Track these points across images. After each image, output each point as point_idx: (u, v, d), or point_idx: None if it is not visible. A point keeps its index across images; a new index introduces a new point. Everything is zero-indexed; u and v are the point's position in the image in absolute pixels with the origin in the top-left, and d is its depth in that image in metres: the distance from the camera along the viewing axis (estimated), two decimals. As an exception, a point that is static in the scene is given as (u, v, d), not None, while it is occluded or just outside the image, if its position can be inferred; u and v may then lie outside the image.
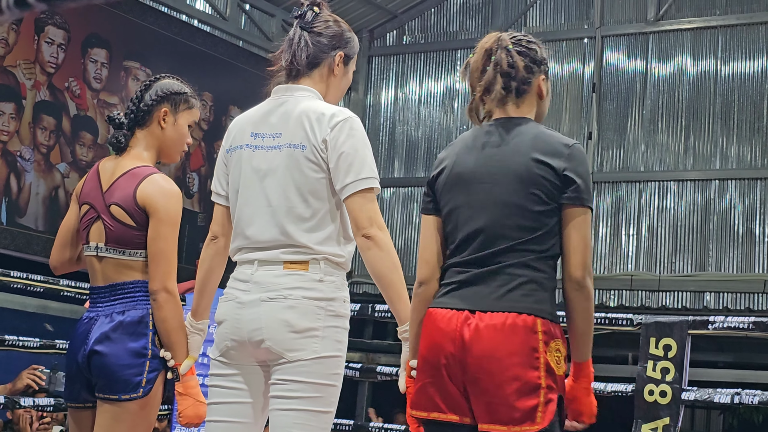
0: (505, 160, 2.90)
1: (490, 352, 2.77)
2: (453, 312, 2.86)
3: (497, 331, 2.78)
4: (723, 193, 9.33)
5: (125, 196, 3.33)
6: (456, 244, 2.93)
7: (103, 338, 3.28)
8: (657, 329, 4.92)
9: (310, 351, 2.90)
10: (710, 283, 9.23)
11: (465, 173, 2.93)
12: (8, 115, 7.77)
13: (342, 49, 3.12)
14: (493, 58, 2.95)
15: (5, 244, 7.66)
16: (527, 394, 2.76)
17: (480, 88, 2.97)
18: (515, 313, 2.80)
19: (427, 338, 2.90)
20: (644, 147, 9.72)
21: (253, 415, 3.02)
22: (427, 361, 2.89)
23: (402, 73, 10.95)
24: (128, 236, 3.33)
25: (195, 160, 9.26)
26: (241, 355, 2.99)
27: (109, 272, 3.35)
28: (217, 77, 9.44)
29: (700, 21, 9.63)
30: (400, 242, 10.58)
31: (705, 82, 9.54)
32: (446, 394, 2.85)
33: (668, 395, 4.83)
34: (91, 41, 8.42)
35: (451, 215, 2.95)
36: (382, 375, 5.85)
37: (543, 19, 10.41)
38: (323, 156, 2.95)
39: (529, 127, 2.94)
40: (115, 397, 3.25)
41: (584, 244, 2.88)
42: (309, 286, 2.92)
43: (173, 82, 3.51)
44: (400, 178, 10.77)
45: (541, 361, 2.77)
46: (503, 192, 2.88)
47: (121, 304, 3.32)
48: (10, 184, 7.77)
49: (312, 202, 2.96)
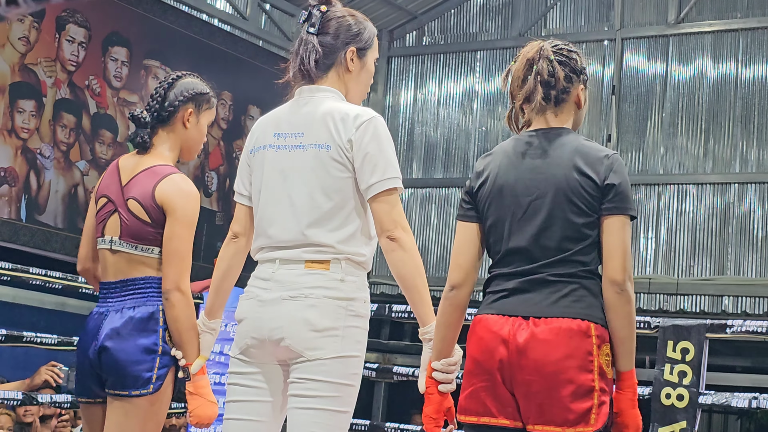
0: (546, 172, 2.94)
1: (546, 355, 2.83)
2: (505, 318, 2.91)
3: (553, 334, 2.84)
4: (742, 197, 9.30)
5: (144, 193, 3.34)
6: (501, 255, 2.98)
7: (113, 334, 3.29)
8: (675, 332, 4.91)
9: (330, 350, 2.90)
10: (729, 287, 9.19)
11: (507, 185, 2.96)
12: (29, 113, 7.80)
13: (353, 43, 3.08)
14: (535, 68, 2.99)
15: (24, 241, 7.69)
16: (582, 396, 2.83)
17: (521, 97, 3.01)
18: (569, 318, 2.86)
19: (478, 343, 2.94)
20: (663, 150, 9.69)
21: (271, 413, 3.02)
22: (479, 365, 2.93)
23: (421, 73, 10.95)
24: (143, 232, 3.33)
25: (214, 159, 9.28)
26: (260, 353, 2.99)
27: (121, 267, 3.36)
28: (236, 77, 9.46)
29: (721, 24, 9.60)
30: (417, 243, 10.56)
31: (725, 85, 9.51)
32: (498, 398, 2.90)
33: (685, 399, 4.81)
34: (112, 40, 8.45)
35: (495, 227, 2.99)
36: (399, 375, 5.85)
37: (563, 21, 10.39)
38: (348, 156, 2.95)
39: (569, 139, 2.98)
40: (125, 393, 3.26)
41: (623, 249, 2.92)
42: (330, 286, 2.92)
43: (196, 81, 3.52)
44: (419, 179, 10.77)
45: (594, 364, 2.84)
46: (546, 204, 2.92)
47: (131, 300, 3.32)
48: (29, 181, 7.80)
49: (336, 201, 2.96)
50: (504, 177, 2.98)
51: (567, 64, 3.02)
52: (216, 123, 9.26)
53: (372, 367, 5.93)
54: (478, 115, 10.57)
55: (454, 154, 10.70)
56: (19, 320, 7.42)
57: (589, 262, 2.94)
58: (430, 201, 10.65)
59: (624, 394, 2.95)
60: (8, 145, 7.67)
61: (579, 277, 2.91)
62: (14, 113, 7.71)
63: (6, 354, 7.09)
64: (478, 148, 10.48)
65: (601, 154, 2.94)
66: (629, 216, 2.94)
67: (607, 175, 2.91)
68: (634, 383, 2.97)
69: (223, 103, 9.40)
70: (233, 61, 9.48)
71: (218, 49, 9.36)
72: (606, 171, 2.91)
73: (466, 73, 10.70)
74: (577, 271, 2.91)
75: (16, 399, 5.09)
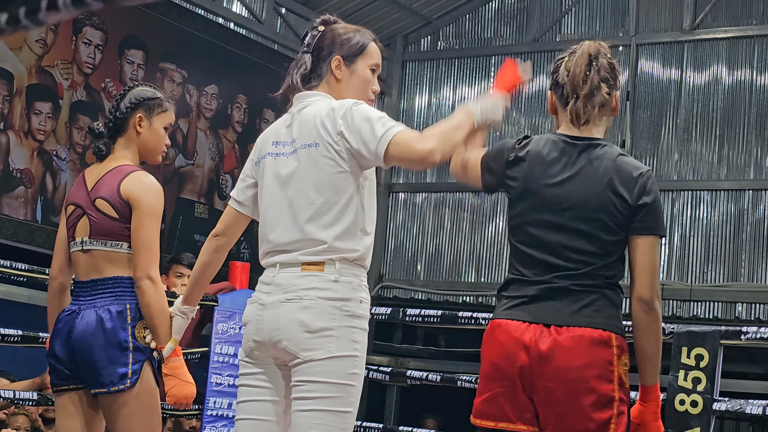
0: (580, 185, 2.96)
1: (568, 363, 2.86)
2: (526, 324, 2.93)
3: (575, 343, 2.87)
4: (757, 204, 9.28)
5: (110, 190, 3.55)
6: (525, 259, 3.00)
7: (85, 333, 3.49)
8: (689, 339, 4.90)
9: (325, 350, 2.94)
10: (742, 294, 9.17)
11: (539, 191, 2.99)
12: (45, 115, 7.84)
13: (337, 52, 3.14)
14: (595, 64, 2.99)
15: (40, 242, 7.73)
16: (603, 406, 2.86)
17: (585, 92, 2.98)
18: (591, 328, 2.88)
19: (498, 348, 2.96)
20: (677, 156, 9.68)
21: (279, 413, 3.08)
22: (499, 370, 2.96)
23: (436, 78, 10.96)
24: (112, 228, 3.54)
25: (228, 162, 9.30)
26: (263, 355, 3.06)
27: (91, 266, 3.56)
28: (251, 80, 9.49)
29: (736, 30, 9.58)
30: (431, 247, 10.58)
31: (740, 91, 9.49)
32: (517, 404, 2.93)
33: (699, 405, 4.81)
34: (128, 42, 8.48)
35: (521, 228, 3.02)
36: (412, 379, 5.86)
37: (578, 26, 10.39)
38: (337, 149, 3.00)
39: (607, 152, 2.99)
40: (104, 390, 3.47)
41: (652, 268, 2.95)
42: (324, 287, 2.96)
43: (146, 89, 3.74)
44: (432, 183, 10.77)
45: (615, 374, 2.88)
46: (577, 218, 2.95)
47: (101, 299, 3.52)
48: (45, 183, 7.84)
49: (328, 196, 3.00)
50: (536, 182, 3.00)
51: (615, 69, 3.07)
52: (231, 126, 9.28)
53: (385, 371, 5.94)
54: (493, 120, 10.57)
55: (468, 158, 10.69)
56: (35, 321, 7.44)
57: (613, 276, 2.96)
58: (444, 205, 10.65)
59: (648, 407, 2.97)
60: (24, 146, 7.70)
61: (600, 288, 2.93)
62: (31, 115, 7.75)
63: (22, 354, 7.11)
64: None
65: (635, 173, 2.95)
66: (659, 236, 2.96)
67: (640, 196, 2.93)
68: (657, 396, 2.98)
69: (238, 107, 9.43)
70: (248, 64, 9.50)
71: (234, 53, 9.38)
72: (639, 191, 2.94)
73: (480, 78, 10.71)
74: (601, 282, 2.94)
75: (31, 399, 5.12)
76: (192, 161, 8.97)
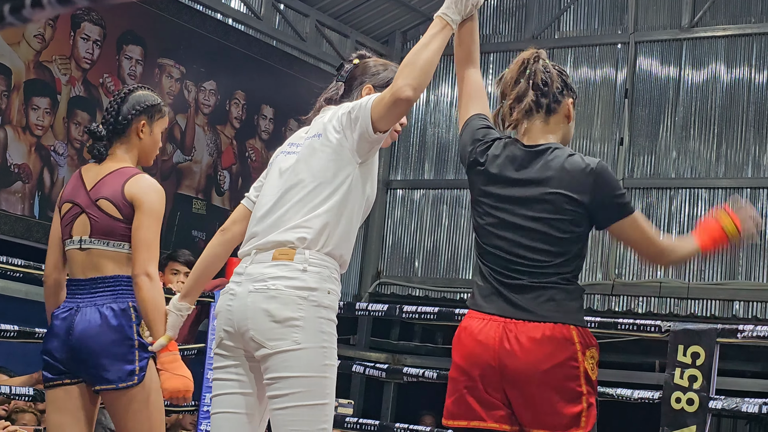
0: (533, 188, 3.02)
1: (533, 364, 2.94)
2: (489, 320, 2.99)
3: (538, 343, 2.94)
4: (754, 202, 9.27)
5: (114, 191, 3.60)
6: (484, 252, 3.08)
7: (88, 330, 3.52)
8: (686, 337, 4.91)
9: (290, 341, 2.95)
10: (739, 292, 9.18)
11: (494, 192, 3.06)
12: (43, 110, 7.83)
13: (367, 81, 3.25)
14: (528, 71, 3.08)
15: (37, 238, 7.72)
16: (572, 401, 2.95)
17: (512, 97, 3.10)
18: (551, 324, 2.95)
19: (463, 349, 3.02)
20: (676, 154, 9.68)
21: (251, 405, 3.09)
22: (463, 371, 3.02)
23: (434, 75, 10.93)
24: (115, 228, 3.59)
25: (226, 158, 9.29)
26: (234, 345, 3.07)
27: (90, 264, 3.60)
28: (250, 76, 9.48)
29: (735, 28, 9.58)
30: (428, 244, 10.58)
31: (738, 89, 9.49)
32: (485, 402, 2.99)
33: (695, 403, 4.81)
34: (127, 38, 8.47)
35: (482, 227, 3.10)
36: (408, 376, 5.86)
37: (576, 24, 10.39)
38: (337, 137, 3.05)
39: (556, 155, 3.04)
40: (112, 387, 3.52)
41: (647, 238, 3.09)
42: (291, 276, 2.98)
43: (148, 94, 3.77)
44: (430, 180, 10.77)
45: (580, 369, 2.95)
46: (530, 218, 3.01)
47: (102, 297, 3.56)
48: (43, 178, 7.83)
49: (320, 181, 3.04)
50: (493, 181, 3.07)
51: (560, 76, 3.10)
52: (229, 122, 9.28)
53: (381, 367, 5.94)
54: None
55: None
56: (31, 316, 7.44)
57: (569, 272, 3.03)
58: (442, 202, 10.65)
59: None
60: (22, 142, 7.70)
61: (558, 284, 3.00)
62: (29, 110, 7.74)
63: (18, 350, 7.11)
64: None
65: (585, 170, 3.00)
66: (631, 211, 3.02)
67: (593, 194, 2.99)
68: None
69: (237, 103, 9.42)
70: (247, 60, 9.50)
71: (232, 49, 9.37)
72: (591, 189, 2.99)
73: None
74: (556, 279, 3.00)
75: (27, 395, 5.11)
76: (190, 157, 8.96)
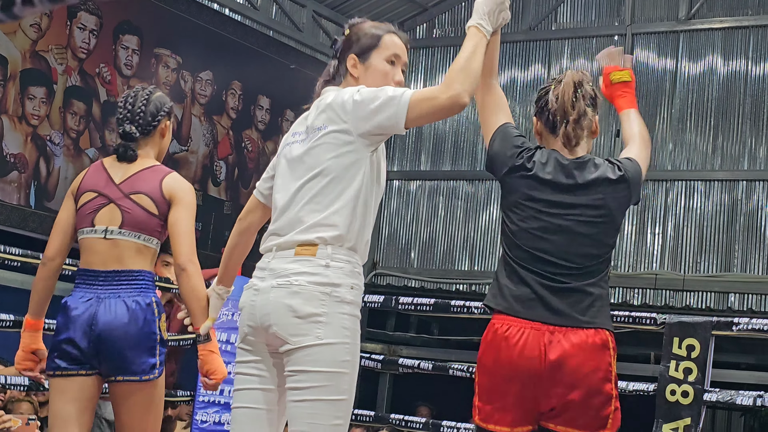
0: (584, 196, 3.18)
1: (575, 370, 3.07)
2: (530, 328, 3.10)
3: (580, 349, 3.08)
4: (750, 194, 9.29)
5: (153, 187, 3.69)
6: (527, 257, 3.16)
7: (115, 322, 3.58)
8: (681, 329, 4.92)
9: (313, 336, 2.94)
10: (735, 284, 9.19)
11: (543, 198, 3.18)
12: (39, 100, 7.82)
13: (350, 51, 3.18)
14: (580, 91, 3.25)
15: (33, 228, 7.72)
16: (605, 404, 3.11)
17: (574, 117, 3.21)
18: (593, 330, 3.10)
19: (503, 358, 3.12)
20: (672, 146, 9.69)
21: (272, 401, 3.09)
22: (504, 379, 3.12)
23: (431, 66, 10.95)
24: (149, 223, 3.67)
25: (223, 149, 9.29)
26: (257, 341, 3.07)
27: (113, 256, 3.65)
28: (246, 66, 9.47)
29: (732, 21, 9.58)
30: (425, 235, 10.59)
31: (735, 82, 9.50)
32: (525, 407, 3.11)
33: (690, 396, 4.82)
34: (123, 28, 8.46)
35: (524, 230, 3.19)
36: (404, 367, 5.86)
37: (573, 15, 10.39)
38: (345, 128, 3.02)
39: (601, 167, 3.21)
40: (136, 379, 3.59)
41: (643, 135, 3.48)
42: (314, 272, 2.97)
43: (165, 95, 3.91)
44: (426, 171, 10.77)
45: (613, 374, 3.12)
46: (583, 223, 3.16)
47: (126, 291, 3.62)
48: (39, 168, 7.83)
49: (330, 177, 3.02)
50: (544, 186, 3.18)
51: (597, 94, 3.31)
52: (225, 112, 9.27)
53: (377, 358, 5.94)
54: (487, 109, 10.56)
55: (463, 146, 10.70)
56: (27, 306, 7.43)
57: (606, 273, 3.21)
58: (438, 193, 10.65)
59: None
60: (18, 131, 7.69)
61: (599, 285, 3.16)
62: (25, 100, 7.74)
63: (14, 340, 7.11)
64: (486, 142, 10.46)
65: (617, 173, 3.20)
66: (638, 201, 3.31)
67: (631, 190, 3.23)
68: None
69: (233, 93, 9.41)
70: (243, 50, 9.48)
71: (229, 39, 9.36)
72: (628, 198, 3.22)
73: (475, 66, 10.68)
74: (598, 280, 3.16)
75: (22, 385, 5.12)
76: (186, 147, 8.95)
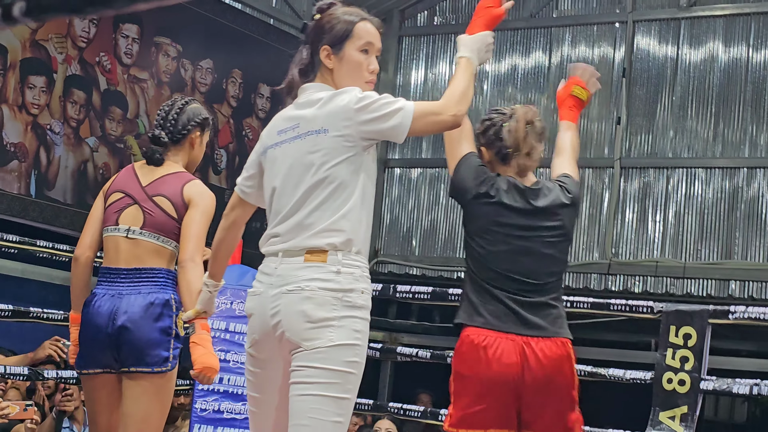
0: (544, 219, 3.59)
1: (549, 377, 3.42)
2: (505, 338, 3.46)
3: (551, 357, 3.43)
4: (751, 181, 9.28)
5: (174, 192, 3.88)
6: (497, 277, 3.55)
7: (134, 316, 3.77)
8: (677, 318, 4.92)
9: (326, 340, 2.96)
10: (736, 272, 9.19)
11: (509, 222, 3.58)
12: (39, 89, 7.83)
13: (323, 41, 3.14)
14: (531, 128, 3.62)
15: (33, 216, 7.74)
16: (571, 408, 3.48)
17: (525, 149, 3.61)
18: (560, 339, 3.46)
19: (481, 366, 3.46)
20: (673, 133, 9.67)
21: (283, 405, 3.09)
22: (483, 386, 3.43)
23: (432, 53, 10.94)
24: (167, 225, 3.85)
25: (223, 137, 9.29)
26: (267, 346, 3.08)
27: (135, 255, 3.85)
28: (247, 55, 9.47)
29: (733, 8, 9.56)
30: (426, 223, 10.59)
31: (736, 69, 9.48)
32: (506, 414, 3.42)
33: (687, 384, 4.83)
34: (123, 16, 8.45)
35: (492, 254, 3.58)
36: (404, 356, 5.87)
37: (575, 2, 10.36)
38: (345, 133, 3.01)
39: (553, 191, 3.63)
40: (148, 371, 3.76)
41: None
42: (326, 278, 2.98)
43: (201, 107, 4.09)
44: (428, 159, 10.77)
45: (576, 379, 3.47)
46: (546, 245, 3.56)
47: (147, 287, 3.81)
48: (39, 157, 7.84)
49: (336, 183, 3.01)
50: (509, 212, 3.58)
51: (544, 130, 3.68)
52: (226, 101, 9.27)
53: (377, 347, 5.95)
54: (489, 96, 10.56)
55: (464, 134, 10.68)
56: (28, 295, 7.47)
57: (561, 287, 3.62)
58: (440, 180, 10.65)
59: None
60: (18, 120, 7.70)
61: (560, 299, 3.58)
62: (25, 89, 7.74)
63: (14, 328, 7.13)
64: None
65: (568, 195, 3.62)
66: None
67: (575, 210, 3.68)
68: None
69: (233, 81, 9.41)
70: (244, 38, 9.48)
71: (229, 27, 9.36)
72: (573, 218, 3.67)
73: (476, 54, 10.66)
74: (559, 295, 3.57)
75: (22, 374, 5.13)
76: (186, 139, 8.96)
